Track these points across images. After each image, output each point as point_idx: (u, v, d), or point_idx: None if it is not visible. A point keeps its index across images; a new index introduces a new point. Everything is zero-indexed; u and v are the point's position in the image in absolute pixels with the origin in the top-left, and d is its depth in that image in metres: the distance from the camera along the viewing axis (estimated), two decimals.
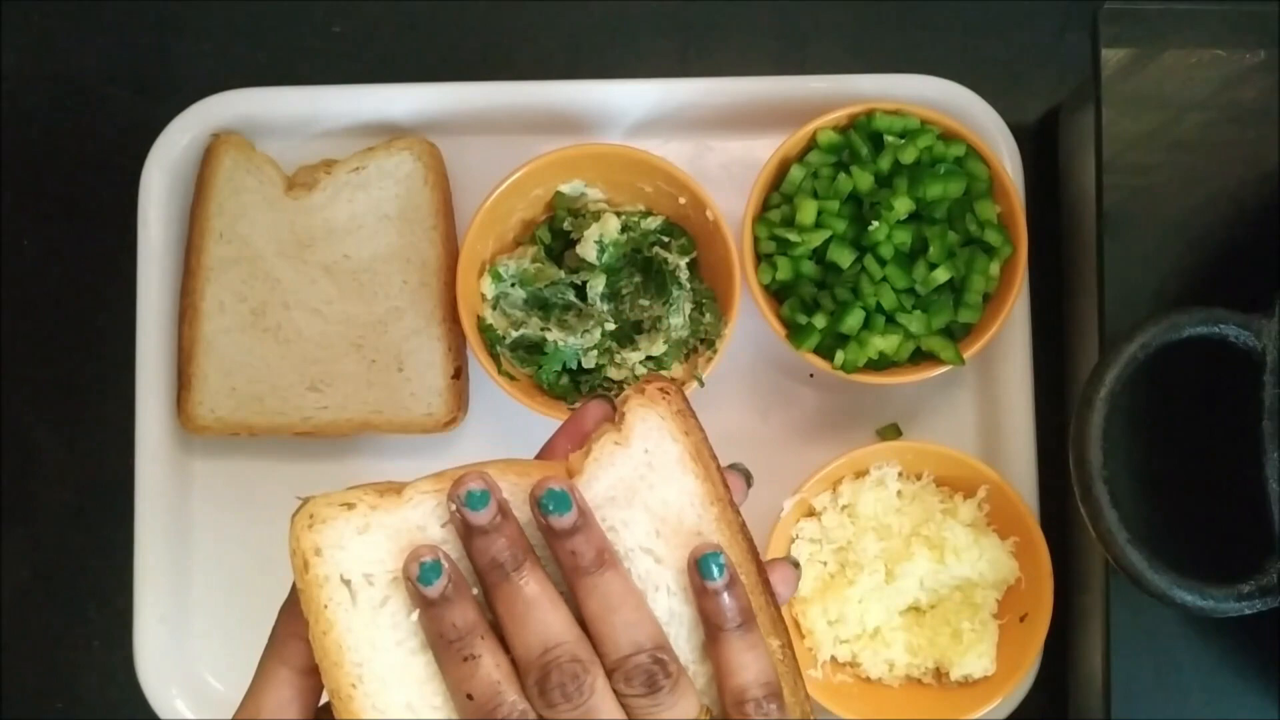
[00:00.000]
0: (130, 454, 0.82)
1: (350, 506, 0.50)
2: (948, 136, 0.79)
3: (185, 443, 0.83)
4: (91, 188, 0.87)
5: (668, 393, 0.53)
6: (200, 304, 0.81)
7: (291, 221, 0.82)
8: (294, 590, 0.51)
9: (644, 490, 0.52)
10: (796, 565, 0.55)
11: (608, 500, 0.52)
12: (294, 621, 0.50)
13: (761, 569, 0.53)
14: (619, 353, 0.79)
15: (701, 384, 0.79)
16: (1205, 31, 0.74)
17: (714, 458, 0.53)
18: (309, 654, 0.50)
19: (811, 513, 0.81)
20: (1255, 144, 0.73)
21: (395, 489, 0.51)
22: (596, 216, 0.80)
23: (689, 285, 0.80)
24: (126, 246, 0.83)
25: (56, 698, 0.86)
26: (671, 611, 0.52)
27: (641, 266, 0.80)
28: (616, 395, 0.65)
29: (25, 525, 0.86)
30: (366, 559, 0.50)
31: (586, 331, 0.79)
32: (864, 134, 0.79)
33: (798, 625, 0.80)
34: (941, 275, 0.77)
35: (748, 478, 0.55)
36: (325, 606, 0.49)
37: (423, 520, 0.51)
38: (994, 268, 0.78)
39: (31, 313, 0.87)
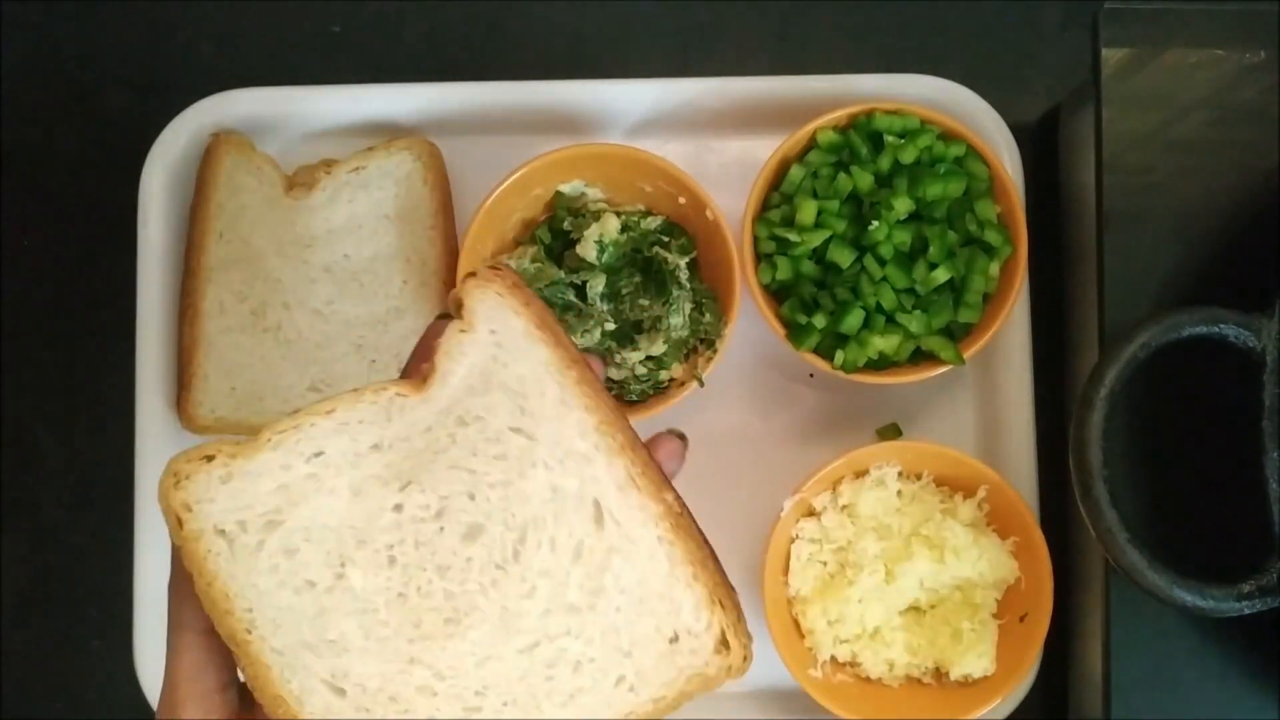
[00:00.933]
0: (130, 454, 0.82)
1: (210, 459, 0.51)
2: (948, 136, 0.79)
3: (185, 442, 0.83)
4: (91, 188, 0.87)
5: (499, 269, 0.53)
6: (200, 304, 0.81)
7: (291, 221, 0.82)
8: (175, 555, 0.51)
9: (498, 370, 0.52)
10: (682, 437, 0.54)
11: (466, 391, 0.52)
12: (181, 586, 0.51)
13: (628, 428, 0.53)
14: (619, 353, 0.79)
15: (701, 384, 0.79)
16: (1205, 31, 0.74)
17: (559, 323, 0.54)
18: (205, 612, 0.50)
19: (811, 512, 0.81)
20: (1255, 144, 0.73)
21: (253, 436, 0.52)
22: (596, 216, 0.80)
23: (689, 285, 0.80)
24: (127, 246, 0.83)
25: (56, 698, 0.86)
26: (553, 488, 0.52)
27: (641, 266, 0.80)
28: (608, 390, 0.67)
29: (25, 525, 0.86)
30: (236, 506, 0.51)
31: (586, 331, 0.79)
32: (864, 134, 0.79)
33: (798, 625, 0.80)
34: (941, 275, 0.77)
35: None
36: (204, 559, 0.50)
37: (285, 459, 0.51)
38: (994, 268, 0.78)
39: (31, 313, 0.87)
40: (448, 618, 0.52)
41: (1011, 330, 0.82)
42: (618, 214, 0.81)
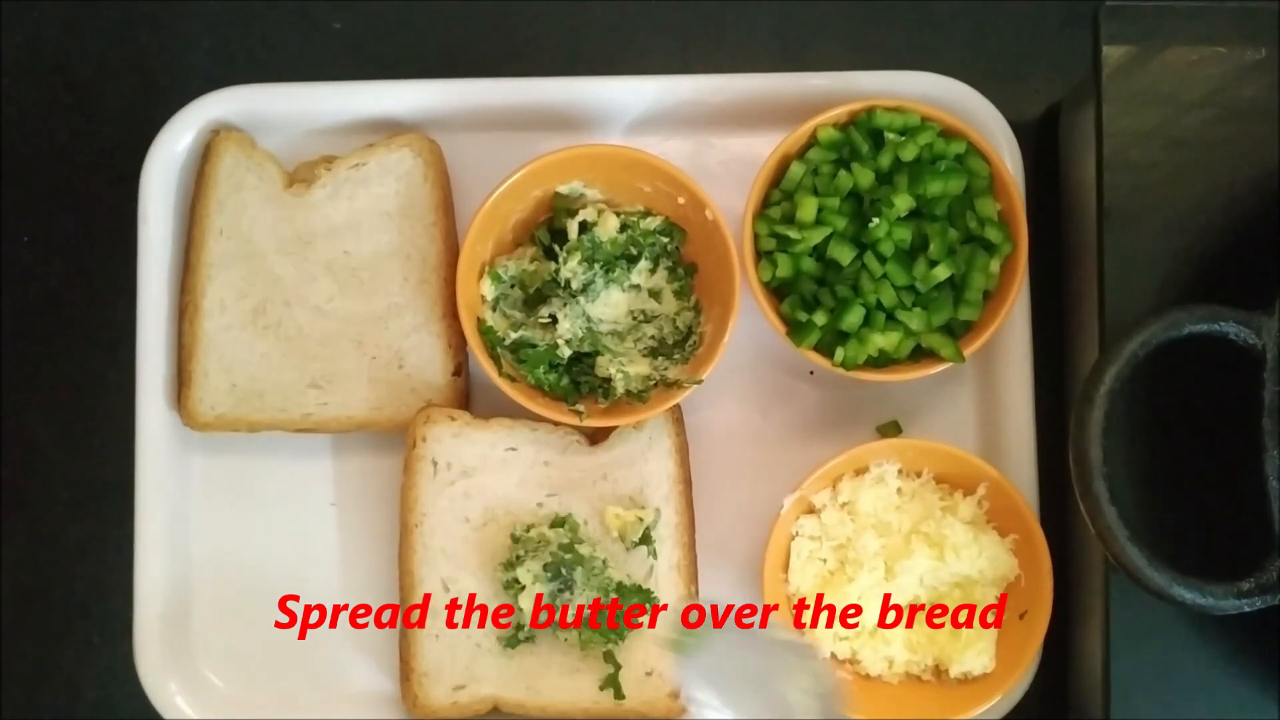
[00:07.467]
0: (130, 452, 0.82)
1: (453, 419, 0.80)
2: (948, 133, 0.79)
3: (186, 440, 0.83)
4: (92, 185, 0.87)
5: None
6: (201, 301, 0.81)
7: (292, 218, 0.82)
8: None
9: (640, 462, 0.79)
10: None
11: (615, 462, 0.80)
12: None
13: (692, 534, 0.80)
14: (603, 352, 0.80)
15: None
16: (1205, 29, 0.74)
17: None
18: None
19: (811, 510, 0.81)
20: (1255, 142, 0.73)
21: (484, 419, 0.80)
22: (596, 216, 0.80)
23: (646, 288, 0.81)
24: (127, 243, 0.83)
25: (56, 697, 0.86)
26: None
27: (604, 269, 0.81)
28: (609, 392, 0.81)
29: (25, 524, 0.86)
30: (452, 452, 0.79)
31: (571, 320, 0.80)
32: (864, 131, 0.79)
33: (797, 622, 0.80)
34: (942, 272, 0.77)
35: None
36: (417, 473, 0.79)
37: (494, 441, 0.80)
38: (994, 265, 0.78)
39: (31, 311, 0.87)
40: None
41: (1012, 328, 0.82)
42: (617, 214, 0.81)
